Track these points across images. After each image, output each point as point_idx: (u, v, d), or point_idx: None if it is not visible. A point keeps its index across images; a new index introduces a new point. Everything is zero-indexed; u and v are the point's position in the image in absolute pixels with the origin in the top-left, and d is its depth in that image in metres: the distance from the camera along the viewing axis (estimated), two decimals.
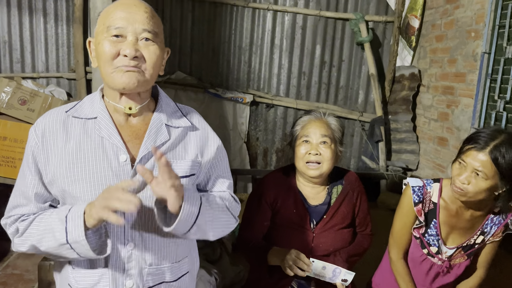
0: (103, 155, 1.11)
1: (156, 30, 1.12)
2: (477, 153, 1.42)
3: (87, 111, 1.16)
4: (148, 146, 1.13)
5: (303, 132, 1.72)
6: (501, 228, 1.59)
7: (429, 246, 1.66)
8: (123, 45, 1.07)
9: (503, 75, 2.54)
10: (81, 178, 1.10)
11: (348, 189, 1.78)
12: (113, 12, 1.10)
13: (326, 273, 1.55)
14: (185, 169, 1.19)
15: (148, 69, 1.11)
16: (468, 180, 1.44)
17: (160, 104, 1.22)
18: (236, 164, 3.83)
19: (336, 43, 3.75)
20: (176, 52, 3.69)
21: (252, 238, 1.75)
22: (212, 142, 1.28)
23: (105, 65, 1.09)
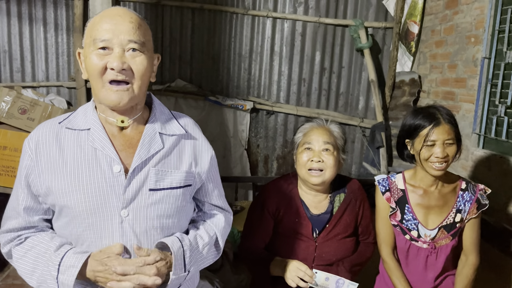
0: (96, 166, 1.10)
1: (143, 39, 1.10)
2: (439, 127, 1.60)
3: (81, 123, 1.15)
4: (142, 155, 1.12)
5: (305, 139, 1.72)
6: (474, 204, 1.68)
7: (409, 231, 1.72)
8: (109, 57, 1.06)
9: (504, 80, 2.53)
10: (75, 190, 1.09)
11: (350, 197, 1.78)
12: (98, 23, 1.08)
13: (329, 284, 1.54)
14: (181, 179, 1.18)
15: (137, 81, 1.10)
16: (445, 152, 1.60)
17: (154, 112, 1.21)
18: (237, 171, 3.81)
19: (335, 49, 3.75)
20: (176, 60, 3.69)
21: (254, 247, 1.74)
22: (206, 151, 1.27)
23: (94, 80, 1.08)
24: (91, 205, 1.09)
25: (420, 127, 1.64)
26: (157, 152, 1.15)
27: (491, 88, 2.67)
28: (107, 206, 1.09)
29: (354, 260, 1.75)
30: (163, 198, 1.14)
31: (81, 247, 1.12)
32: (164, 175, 1.14)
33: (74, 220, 1.10)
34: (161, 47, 3.64)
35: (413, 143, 1.69)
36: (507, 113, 2.50)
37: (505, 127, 2.48)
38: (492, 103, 2.66)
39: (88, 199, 1.09)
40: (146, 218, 1.12)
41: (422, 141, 1.62)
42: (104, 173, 1.10)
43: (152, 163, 1.13)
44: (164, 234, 1.16)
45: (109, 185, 1.09)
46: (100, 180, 1.09)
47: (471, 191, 1.71)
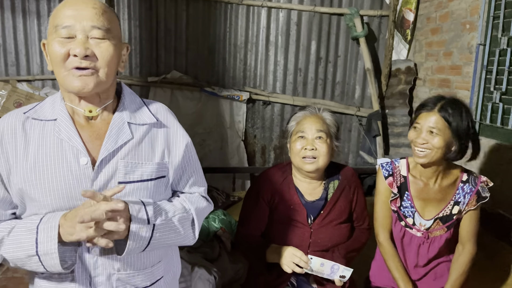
0: (62, 158, 1.06)
1: (108, 26, 1.06)
2: (428, 113, 1.59)
3: (47, 113, 1.11)
4: (109, 147, 1.08)
5: (299, 127, 1.72)
6: (473, 196, 1.66)
7: (405, 218, 1.73)
8: (72, 44, 1.02)
9: (499, 66, 2.53)
10: (41, 183, 1.05)
11: (344, 184, 1.78)
12: (61, 10, 1.04)
13: (324, 269, 1.55)
14: (152, 171, 1.13)
15: (102, 68, 1.06)
16: (425, 139, 1.58)
17: (123, 101, 1.17)
18: (234, 162, 3.82)
19: (331, 38, 3.74)
20: (171, 51, 3.68)
21: (250, 235, 1.75)
22: (181, 139, 1.22)
23: (57, 67, 1.04)
24: (57, 198, 1.05)
25: (423, 105, 1.64)
26: (126, 143, 1.10)
27: (486, 74, 2.67)
28: (73, 199, 1.06)
29: (349, 246, 1.77)
30: (133, 191, 1.10)
31: None
32: (134, 167, 1.10)
33: (40, 212, 1.06)
34: (156, 39, 3.62)
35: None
36: (502, 99, 2.50)
37: (500, 113, 2.49)
38: (487, 90, 2.66)
39: (54, 192, 1.05)
40: None
41: (411, 122, 1.67)
42: (71, 165, 1.06)
43: (120, 155, 1.09)
44: None
45: (75, 178, 1.05)
46: (66, 172, 1.05)
47: (472, 183, 1.68)
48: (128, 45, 1.18)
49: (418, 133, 1.62)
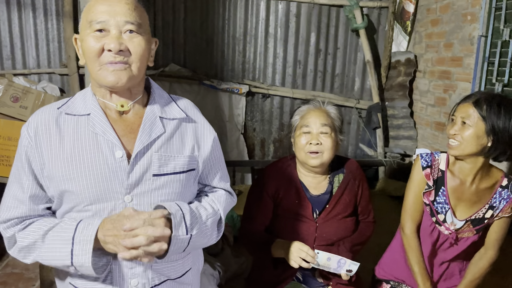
0: (98, 151, 1.09)
1: (139, 21, 1.09)
2: (463, 105, 1.58)
3: (80, 108, 1.14)
4: (144, 140, 1.11)
5: (303, 122, 1.70)
6: (510, 204, 1.60)
7: (437, 214, 1.68)
8: (106, 39, 1.05)
9: (501, 58, 2.53)
10: (78, 176, 1.08)
11: (349, 177, 1.77)
12: (94, 6, 1.07)
13: (331, 264, 1.55)
14: (184, 164, 1.17)
15: (135, 63, 1.09)
16: (457, 131, 1.56)
17: (153, 96, 1.20)
18: (234, 155, 3.81)
19: (331, 30, 3.71)
20: (170, 44, 3.64)
21: (255, 230, 1.74)
22: (209, 134, 1.26)
23: (91, 62, 1.07)
24: (95, 191, 1.08)
25: (457, 103, 1.63)
26: (159, 136, 1.14)
27: (487, 66, 2.66)
28: (110, 192, 1.09)
29: (354, 240, 1.76)
30: (167, 183, 1.13)
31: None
32: (167, 160, 1.13)
33: (77, 206, 1.10)
34: (153, 31, 3.58)
35: None
36: (504, 91, 2.50)
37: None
38: (489, 82, 2.65)
39: (91, 185, 1.08)
40: (150, 203, 1.12)
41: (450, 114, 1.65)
42: (106, 158, 1.09)
43: (154, 148, 1.13)
44: (168, 218, 1.14)
45: (111, 170, 1.09)
46: (102, 165, 1.08)
47: (511, 189, 1.61)
48: (156, 39, 1.21)
49: (452, 124, 1.60)
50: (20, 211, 1.13)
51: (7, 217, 1.13)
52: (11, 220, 1.13)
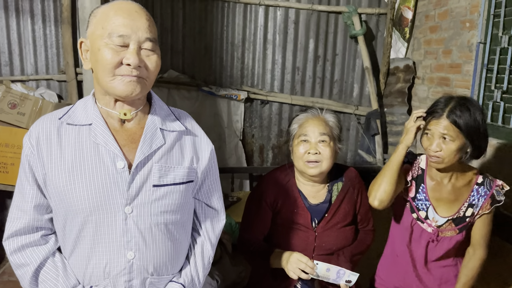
0: (99, 162, 1.09)
1: (155, 37, 1.10)
2: (437, 120, 1.56)
3: (81, 118, 1.14)
4: (145, 151, 1.11)
5: (301, 131, 1.69)
6: (488, 200, 1.63)
7: (418, 210, 1.70)
8: (126, 53, 1.04)
9: (499, 65, 2.52)
10: (79, 186, 1.07)
11: (348, 185, 1.76)
12: (114, 17, 1.05)
13: (330, 275, 1.53)
14: (183, 175, 1.18)
15: (150, 78, 1.10)
16: (439, 146, 1.55)
17: (154, 107, 1.20)
18: (232, 162, 3.79)
19: (329, 37, 3.71)
20: (168, 50, 3.63)
21: (253, 240, 1.73)
22: (206, 146, 1.27)
23: (105, 72, 1.06)
24: (95, 202, 1.08)
25: (430, 111, 1.61)
26: (159, 147, 1.14)
27: (486, 73, 2.66)
28: (111, 202, 1.09)
29: (354, 250, 1.75)
30: (166, 194, 1.14)
31: (81, 245, 1.11)
32: (167, 171, 1.14)
33: (76, 217, 1.09)
34: None
35: None
36: (503, 98, 2.49)
37: (501, 112, 2.47)
38: (487, 89, 2.65)
39: (92, 195, 1.08)
40: (150, 214, 1.12)
41: (423, 129, 1.63)
42: (108, 169, 1.09)
43: (155, 159, 1.13)
44: (168, 229, 1.16)
45: (113, 181, 1.09)
46: (103, 176, 1.08)
47: (487, 186, 1.65)
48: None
49: (430, 140, 1.58)
50: (23, 221, 1.13)
51: (12, 231, 1.13)
52: (16, 237, 1.14)
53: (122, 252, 1.10)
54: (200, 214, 1.30)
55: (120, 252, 1.10)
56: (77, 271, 1.14)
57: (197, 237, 1.30)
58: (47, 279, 1.12)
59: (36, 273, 1.13)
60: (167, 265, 1.18)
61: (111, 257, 1.10)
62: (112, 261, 1.10)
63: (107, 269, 1.11)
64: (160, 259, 1.16)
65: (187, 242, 1.27)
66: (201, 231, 1.30)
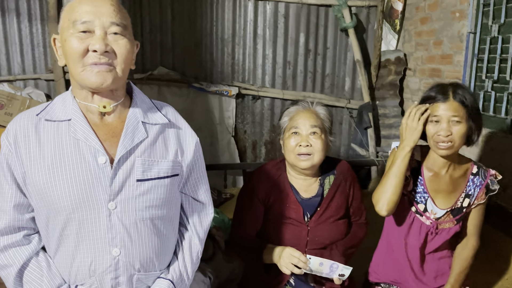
0: (80, 158, 1.06)
1: (124, 22, 1.07)
2: (445, 103, 1.52)
3: (60, 113, 1.11)
4: (126, 145, 1.09)
5: (292, 123, 1.67)
6: (483, 190, 1.64)
7: (417, 203, 1.68)
8: (91, 40, 1.02)
9: (490, 54, 2.51)
10: (60, 184, 1.05)
11: (340, 179, 1.74)
12: (78, 6, 1.04)
13: (323, 269, 1.52)
14: (168, 168, 1.15)
15: (120, 65, 1.07)
16: (449, 130, 1.52)
17: (135, 100, 1.18)
18: (225, 159, 3.76)
19: (320, 30, 3.69)
20: (157, 47, 3.59)
21: (245, 236, 1.71)
22: (191, 138, 1.24)
23: (74, 63, 1.04)
24: (77, 199, 1.05)
25: (429, 98, 1.58)
26: (142, 141, 1.12)
27: (477, 63, 2.65)
28: (93, 199, 1.06)
29: (347, 243, 1.73)
30: (151, 188, 1.12)
31: (64, 244, 1.09)
32: (151, 164, 1.12)
33: (58, 215, 1.06)
34: (141, 35, 3.53)
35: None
36: (494, 87, 2.49)
37: (492, 102, 2.47)
38: (479, 78, 2.64)
39: (74, 192, 1.05)
40: (135, 209, 1.10)
41: (428, 116, 1.57)
42: (89, 164, 1.06)
43: (137, 153, 1.11)
44: (154, 225, 1.14)
45: (94, 177, 1.06)
46: (85, 172, 1.06)
47: (481, 176, 1.65)
48: (138, 42, 1.19)
49: (437, 126, 1.54)
50: (5, 222, 1.10)
51: None
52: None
53: (107, 249, 1.08)
54: (187, 208, 1.27)
55: (105, 249, 1.08)
56: (62, 270, 1.12)
57: (185, 232, 1.28)
58: (32, 279, 1.09)
59: (20, 273, 1.10)
60: (154, 261, 1.16)
61: (96, 254, 1.08)
62: (97, 258, 1.08)
63: (92, 267, 1.08)
64: (147, 255, 1.14)
65: (175, 237, 1.25)
66: (188, 226, 1.28)
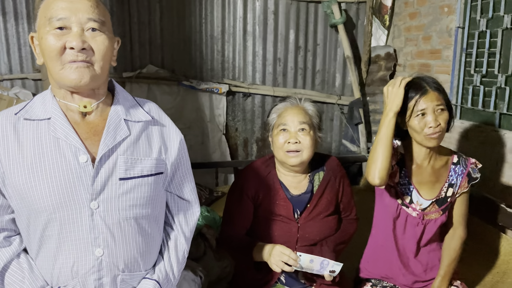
0: (60, 157, 1.04)
1: (102, 18, 1.05)
2: (427, 96, 1.56)
3: (39, 112, 1.08)
4: (108, 143, 1.07)
5: (280, 120, 1.66)
6: (465, 178, 1.66)
7: (403, 195, 1.69)
8: (68, 37, 1.00)
9: (478, 49, 2.52)
10: (40, 183, 1.02)
11: (330, 175, 1.74)
12: (54, 3, 1.02)
13: (314, 266, 1.51)
14: (151, 166, 1.13)
15: (98, 62, 1.05)
16: (437, 120, 1.54)
17: (117, 98, 1.16)
18: (216, 156, 3.75)
19: (309, 26, 3.68)
20: (146, 45, 3.56)
21: (235, 234, 1.69)
22: (175, 136, 1.23)
23: (52, 61, 1.02)
24: (58, 198, 1.03)
25: (408, 99, 1.58)
26: (124, 139, 1.10)
27: (466, 57, 2.66)
28: (75, 198, 1.04)
29: (337, 239, 1.72)
30: (134, 187, 1.10)
31: (46, 245, 1.07)
32: (134, 163, 1.10)
33: (39, 216, 1.04)
34: (129, 33, 3.49)
35: (403, 118, 1.62)
36: (483, 82, 2.49)
37: (481, 96, 2.48)
38: (467, 73, 2.65)
39: (54, 192, 1.03)
40: (118, 209, 1.08)
41: (411, 112, 1.57)
42: (70, 164, 1.04)
43: (120, 151, 1.09)
44: (138, 224, 1.12)
45: (76, 176, 1.04)
46: (65, 171, 1.04)
47: (462, 164, 1.68)
48: (119, 38, 1.16)
49: (424, 118, 1.56)
50: None
51: None
52: None
53: (90, 249, 1.06)
54: (172, 207, 1.26)
55: (87, 249, 1.06)
56: (44, 271, 1.10)
57: (170, 231, 1.27)
58: (13, 282, 1.07)
59: (1, 276, 1.08)
60: (138, 261, 1.14)
61: (79, 255, 1.06)
62: (80, 259, 1.06)
63: (75, 268, 1.07)
64: (131, 255, 1.12)
65: (160, 236, 1.23)
66: (174, 225, 1.26)
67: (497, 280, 1.99)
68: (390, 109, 1.59)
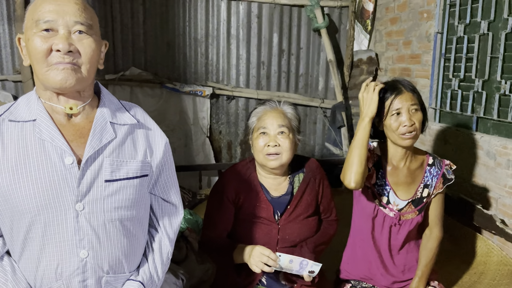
0: (46, 159, 1.04)
1: (89, 22, 1.05)
2: (401, 96, 1.61)
3: (24, 114, 1.08)
4: (94, 145, 1.07)
5: (260, 123, 1.67)
6: (440, 179, 1.71)
7: (380, 196, 1.72)
8: (55, 39, 1.00)
9: (456, 54, 2.57)
10: (24, 185, 1.02)
11: (309, 176, 1.76)
12: (41, 5, 1.02)
13: (293, 266, 1.52)
14: (137, 169, 1.14)
15: (85, 64, 1.05)
16: (411, 120, 1.59)
17: (103, 101, 1.16)
18: (200, 159, 3.74)
19: (293, 30, 3.71)
20: (129, 47, 3.54)
21: (216, 237, 1.70)
22: (160, 139, 1.24)
23: (38, 63, 1.02)
24: (42, 200, 1.03)
25: (383, 99, 1.62)
26: (110, 141, 1.11)
27: (444, 62, 2.71)
28: (60, 200, 1.04)
29: (317, 240, 1.74)
30: (120, 189, 1.11)
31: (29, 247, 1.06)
32: (119, 165, 1.11)
33: (22, 218, 1.04)
34: (112, 35, 3.47)
35: (379, 118, 1.66)
36: (461, 86, 2.55)
37: (459, 100, 2.53)
38: (446, 77, 2.70)
39: (39, 194, 1.02)
40: (103, 210, 1.08)
41: (387, 111, 1.62)
42: (55, 165, 1.04)
43: (106, 153, 1.09)
44: (123, 226, 1.13)
45: (61, 178, 1.04)
46: (51, 173, 1.03)
47: (437, 166, 1.73)
48: (106, 42, 1.17)
49: (399, 118, 1.61)
50: None
51: None
52: None
53: (75, 251, 1.06)
54: (156, 209, 1.27)
55: (72, 251, 1.06)
56: (27, 274, 1.09)
57: (155, 233, 1.27)
58: None
59: None
60: (123, 263, 1.15)
61: (63, 257, 1.06)
62: (64, 261, 1.06)
63: (59, 270, 1.06)
64: (116, 257, 1.12)
65: (144, 238, 1.24)
66: (158, 227, 1.27)
67: (475, 281, 2.03)
68: (366, 114, 1.62)
